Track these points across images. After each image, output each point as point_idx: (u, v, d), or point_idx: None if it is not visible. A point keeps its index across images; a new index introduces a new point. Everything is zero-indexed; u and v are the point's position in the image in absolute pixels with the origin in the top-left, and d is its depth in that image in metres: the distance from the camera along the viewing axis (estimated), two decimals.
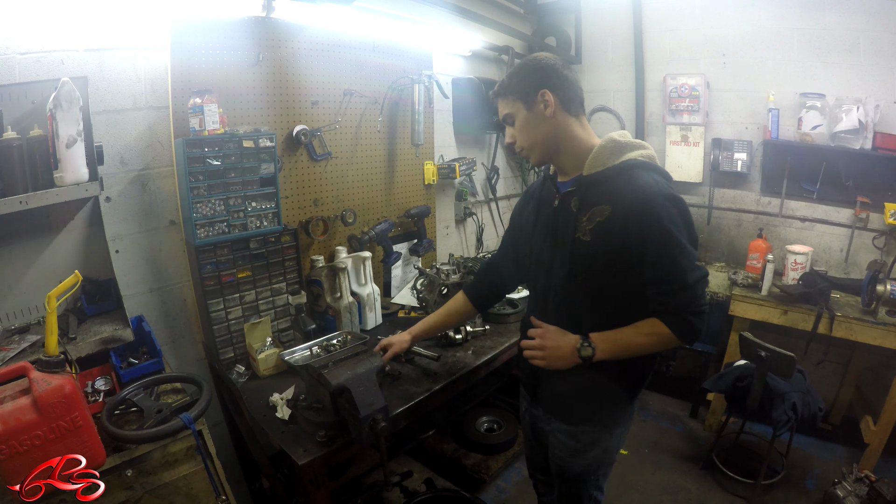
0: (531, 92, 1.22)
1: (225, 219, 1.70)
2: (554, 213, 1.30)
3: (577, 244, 1.21)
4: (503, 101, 1.29)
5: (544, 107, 1.21)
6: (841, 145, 2.65)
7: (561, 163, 1.30)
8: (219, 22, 1.79)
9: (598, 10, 3.41)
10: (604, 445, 1.39)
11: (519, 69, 1.26)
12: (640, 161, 1.19)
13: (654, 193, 1.12)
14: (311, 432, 1.40)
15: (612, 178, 1.18)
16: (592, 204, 1.19)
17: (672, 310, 1.17)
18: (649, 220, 1.11)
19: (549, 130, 1.24)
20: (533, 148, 1.27)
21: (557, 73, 1.22)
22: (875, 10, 2.56)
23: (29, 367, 1.10)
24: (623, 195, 1.14)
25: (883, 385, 2.57)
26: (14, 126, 1.35)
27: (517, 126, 1.27)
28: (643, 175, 1.16)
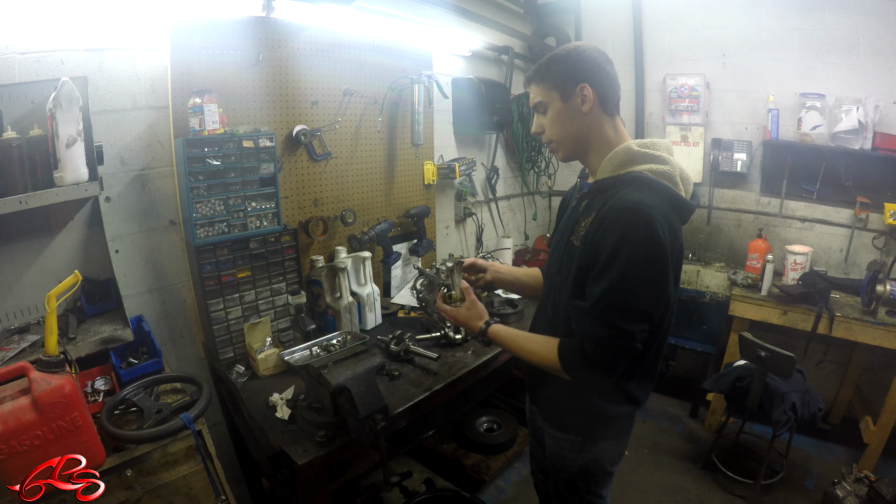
0: (570, 84, 1.14)
1: (225, 219, 1.70)
2: (572, 213, 1.28)
3: (569, 248, 1.19)
4: (538, 86, 1.20)
5: (581, 102, 1.14)
6: (841, 145, 2.65)
7: (589, 162, 1.24)
8: (219, 22, 1.79)
9: (598, 10, 3.42)
10: (589, 456, 1.34)
11: (561, 57, 1.16)
12: (644, 176, 1.09)
13: (633, 213, 1.02)
14: (310, 432, 1.40)
15: (613, 187, 1.12)
16: (591, 210, 1.16)
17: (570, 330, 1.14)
18: (612, 235, 1.03)
19: (582, 128, 1.18)
20: (562, 143, 1.21)
21: (600, 69, 1.15)
22: (875, 10, 2.56)
23: (29, 367, 1.10)
24: (608, 206, 1.08)
25: (883, 385, 2.57)
26: (14, 126, 1.35)
27: (549, 117, 1.19)
28: (638, 193, 1.06)
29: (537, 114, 1.24)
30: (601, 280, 1.05)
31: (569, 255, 1.18)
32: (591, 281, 1.09)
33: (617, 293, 1.04)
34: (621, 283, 1.03)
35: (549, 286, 1.34)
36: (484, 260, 1.57)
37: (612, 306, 1.05)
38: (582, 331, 1.10)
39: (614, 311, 1.05)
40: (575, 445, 1.34)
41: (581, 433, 1.33)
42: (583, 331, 1.10)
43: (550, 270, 1.33)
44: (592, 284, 1.08)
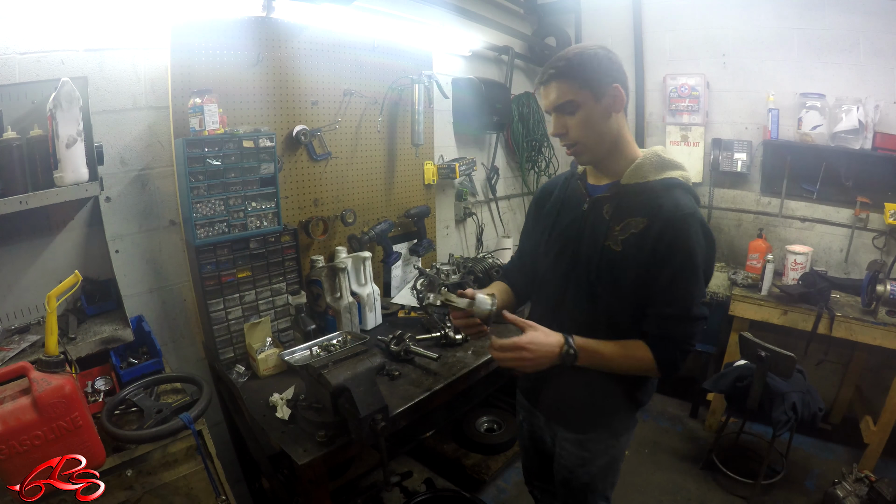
0: (604, 84, 1.11)
1: (225, 219, 1.70)
2: (582, 216, 1.23)
3: (607, 252, 1.16)
4: (564, 84, 1.12)
5: (613, 102, 1.13)
6: (841, 145, 2.65)
7: (605, 166, 1.21)
8: (219, 22, 1.79)
9: (598, 10, 3.42)
10: (612, 453, 1.35)
11: (592, 55, 1.12)
12: (681, 182, 1.16)
13: (691, 217, 1.10)
14: (311, 432, 1.40)
15: (652, 192, 1.14)
16: (627, 214, 1.14)
17: (664, 337, 1.14)
18: (680, 240, 1.09)
19: (612, 130, 1.16)
20: (590, 145, 1.16)
21: (623, 72, 1.15)
22: (875, 10, 2.56)
23: (29, 367, 1.10)
24: (663, 211, 1.10)
25: (883, 385, 2.57)
26: (14, 126, 1.35)
27: (578, 118, 1.13)
28: (684, 196, 1.13)
29: (560, 114, 1.16)
30: (679, 282, 1.11)
31: (608, 259, 1.16)
32: (667, 286, 1.11)
33: (694, 290, 1.12)
34: (695, 280, 1.12)
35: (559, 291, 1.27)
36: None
37: (692, 302, 1.12)
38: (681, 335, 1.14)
39: (696, 305, 1.13)
40: (600, 444, 1.33)
41: (607, 429, 1.33)
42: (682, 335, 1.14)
43: (555, 275, 1.28)
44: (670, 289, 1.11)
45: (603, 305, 1.19)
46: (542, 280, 1.34)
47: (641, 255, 1.11)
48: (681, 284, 1.11)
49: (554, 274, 1.28)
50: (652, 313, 1.15)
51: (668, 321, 1.14)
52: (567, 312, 1.25)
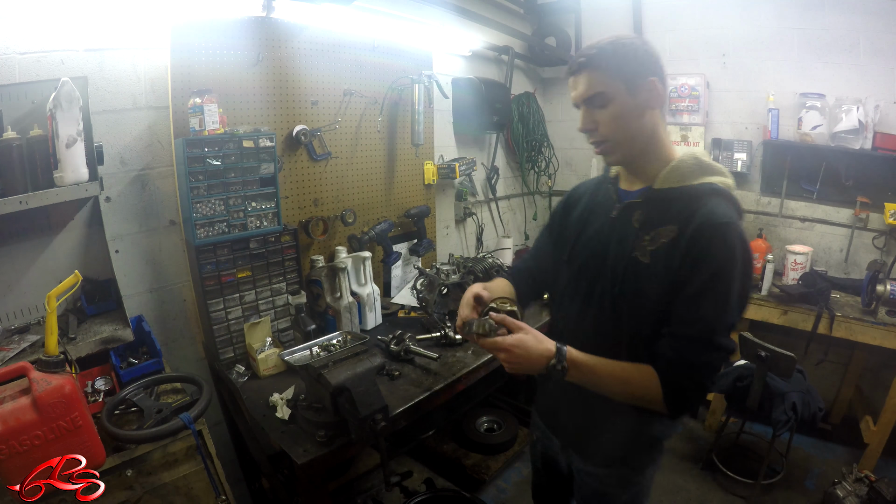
0: (640, 76, 1.00)
1: (225, 219, 1.70)
2: (610, 224, 1.12)
3: (634, 265, 1.04)
4: (596, 74, 1.01)
5: (649, 97, 1.01)
6: (841, 145, 2.65)
7: (637, 168, 1.10)
8: (219, 22, 1.79)
9: (598, 10, 3.41)
10: (634, 490, 1.22)
11: (626, 46, 1.01)
12: (721, 189, 1.02)
13: (730, 229, 0.96)
14: (310, 432, 1.40)
15: (687, 198, 1.02)
16: (658, 223, 1.02)
17: (677, 362, 0.99)
18: (713, 252, 0.95)
19: (647, 127, 1.04)
20: (621, 144, 1.05)
21: (661, 66, 1.03)
22: (875, 10, 2.56)
23: (29, 367, 1.10)
24: (696, 218, 0.97)
25: (883, 385, 2.57)
26: (14, 126, 1.35)
27: (610, 112, 1.02)
28: (724, 205, 1.00)
29: (589, 108, 1.04)
30: (704, 301, 0.96)
31: (635, 272, 1.04)
32: (689, 302, 0.97)
33: (721, 313, 0.97)
34: (725, 302, 0.96)
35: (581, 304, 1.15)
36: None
37: (718, 327, 0.97)
38: (697, 363, 0.98)
39: (719, 331, 0.97)
40: (622, 480, 1.21)
41: (629, 464, 1.19)
42: (699, 363, 0.98)
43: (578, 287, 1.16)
44: (692, 307, 0.97)
45: (627, 324, 1.06)
46: (564, 291, 1.22)
47: (670, 269, 0.99)
48: (706, 303, 0.96)
49: (577, 286, 1.17)
50: (668, 333, 1.00)
51: (684, 344, 0.98)
52: (589, 329, 1.13)
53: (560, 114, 3.76)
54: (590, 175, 3.69)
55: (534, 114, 3.49)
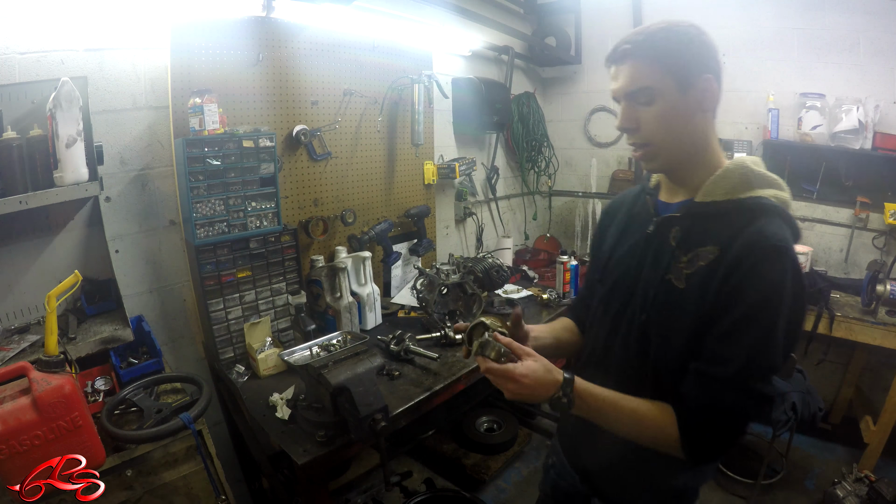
0: (693, 72, 0.86)
1: (225, 219, 1.70)
2: (646, 240, 0.99)
3: (666, 289, 0.91)
4: (642, 65, 0.87)
5: (702, 97, 0.88)
6: (841, 145, 2.65)
7: (680, 177, 0.96)
8: (219, 22, 1.79)
9: (598, 10, 3.41)
10: None
11: (680, 35, 0.88)
12: (774, 205, 0.87)
13: (781, 253, 0.81)
14: (310, 432, 1.40)
15: (732, 214, 0.87)
16: (698, 242, 0.89)
17: (703, 407, 0.84)
18: (758, 280, 0.80)
19: (697, 131, 0.90)
20: (665, 148, 0.91)
21: (719, 62, 0.90)
22: (875, 9, 2.56)
23: (29, 367, 1.10)
24: (741, 239, 0.83)
25: (883, 385, 2.57)
26: (14, 126, 1.35)
27: (656, 111, 0.88)
28: (776, 225, 0.84)
29: (631, 104, 0.90)
30: (742, 337, 0.81)
31: (667, 298, 0.91)
32: (724, 337, 0.83)
33: (762, 353, 0.82)
34: (768, 340, 0.81)
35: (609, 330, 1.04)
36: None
37: (757, 370, 0.82)
38: (722, 405, 0.83)
39: (758, 375, 0.83)
40: None
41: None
42: (724, 405, 0.83)
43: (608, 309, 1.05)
44: (727, 342, 0.82)
45: (654, 357, 0.93)
46: (594, 315, 1.11)
47: (705, 297, 0.85)
48: (744, 340, 0.81)
49: (607, 309, 1.05)
50: (695, 370, 0.86)
51: (713, 385, 0.83)
52: (614, 360, 1.02)
53: (560, 114, 3.76)
54: (589, 175, 3.69)
55: (534, 114, 3.49)
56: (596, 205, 3.68)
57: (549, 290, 2.58)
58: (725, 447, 0.88)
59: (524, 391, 0.89)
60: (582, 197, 3.79)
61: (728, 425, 0.85)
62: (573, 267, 2.60)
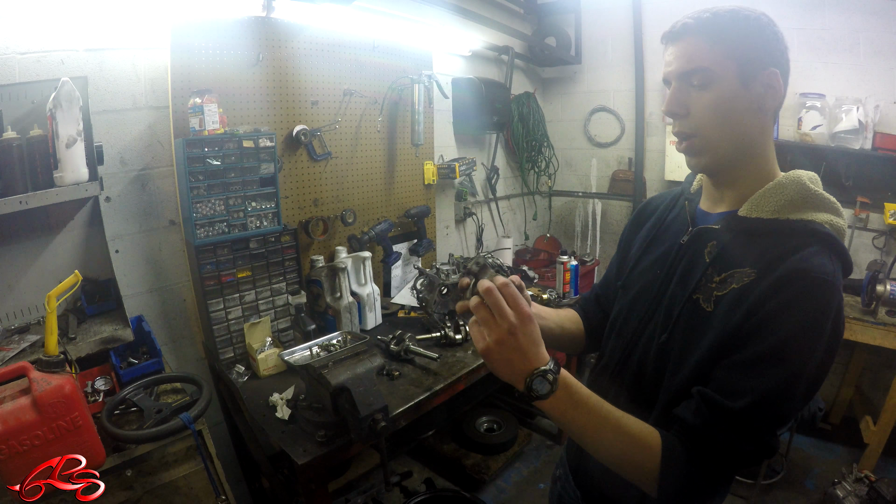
0: (758, 63, 0.77)
1: (225, 219, 1.70)
2: (678, 251, 0.89)
3: (692, 310, 0.81)
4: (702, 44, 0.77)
5: (765, 93, 0.78)
6: (841, 145, 2.65)
7: (726, 181, 0.85)
8: (219, 22, 1.79)
9: (598, 10, 3.42)
10: None
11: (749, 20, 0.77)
12: (827, 232, 0.76)
13: (826, 290, 0.70)
14: (310, 432, 1.40)
15: (779, 236, 0.77)
16: (735, 262, 0.78)
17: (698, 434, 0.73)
18: (795, 314, 0.70)
19: (752, 132, 0.80)
20: (715, 143, 0.80)
21: (787, 56, 0.80)
22: (875, 10, 2.56)
23: (29, 366, 1.10)
24: (784, 266, 0.72)
25: (883, 385, 2.57)
26: (14, 126, 1.35)
27: (711, 98, 0.77)
28: (825, 256, 0.73)
29: (684, 85, 0.80)
30: (764, 372, 0.70)
31: (692, 319, 0.81)
32: (742, 368, 0.72)
33: (778, 399, 0.71)
34: (789, 386, 0.70)
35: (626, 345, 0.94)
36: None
37: (771, 415, 0.72)
38: (721, 438, 0.72)
39: (771, 420, 0.72)
40: None
41: None
42: (723, 439, 0.72)
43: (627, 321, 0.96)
44: (744, 375, 0.72)
45: (670, 381, 0.82)
46: (612, 324, 1.02)
47: (728, 321, 0.74)
48: (763, 376, 0.70)
49: (627, 320, 0.96)
50: (697, 393, 0.75)
51: (714, 413, 0.72)
52: (629, 377, 0.92)
53: (560, 114, 3.76)
54: (590, 175, 3.70)
55: (534, 114, 3.49)
56: (596, 205, 3.69)
57: (550, 290, 2.58)
58: (702, 489, 0.76)
59: (504, 349, 0.73)
60: (582, 197, 3.79)
61: (716, 463, 0.74)
62: (573, 267, 2.60)
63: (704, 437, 0.73)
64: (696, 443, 0.73)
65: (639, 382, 0.89)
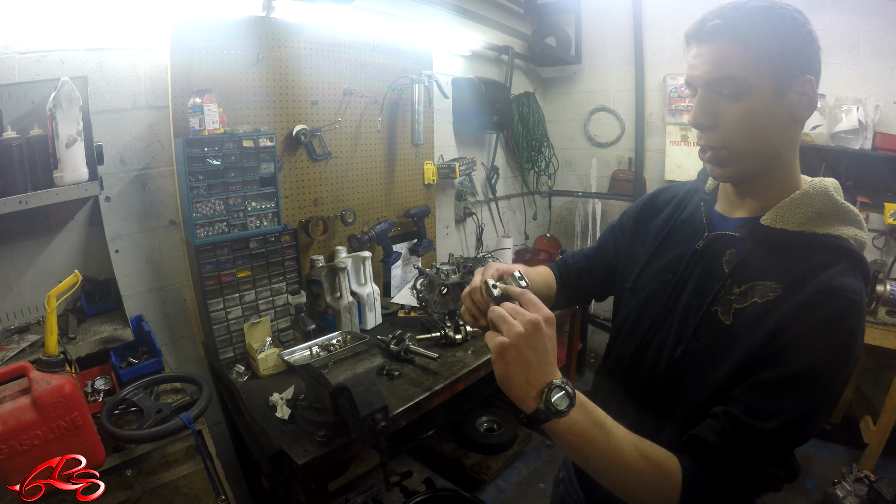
0: (794, 70, 0.70)
1: (225, 218, 1.70)
2: (692, 256, 0.85)
3: (710, 323, 0.78)
4: (734, 49, 0.70)
5: (798, 103, 0.72)
6: (841, 145, 2.65)
7: (748, 190, 0.81)
8: (219, 22, 1.79)
9: (598, 10, 3.42)
10: None
11: (785, 22, 0.70)
12: (853, 249, 0.73)
13: (857, 309, 0.68)
14: (310, 432, 1.40)
15: (806, 250, 0.74)
16: (757, 274, 0.75)
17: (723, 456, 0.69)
18: (832, 336, 0.67)
19: (784, 142, 0.75)
20: (744, 156, 0.75)
21: (820, 60, 0.73)
22: (875, 10, 2.56)
23: (29, 366, 1.10)
24: (814, 283, 0.69)
25: (883, 385, 2.57)
26: (14, 126, 1.35)
27: (742, 109, 0.71)
28: (850, 274, 0.71)
29: (712, 94, 0.73)
30: (793, 395, 0.67)
31: (710, 333, 0.77)
32: (770, 389, 0.69)
33: (807, 420, 0.68)
34: (813, 408, 0.68)
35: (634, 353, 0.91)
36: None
37: (795, 437, 0.70)
38: (745, 461, 0.69)
39: (794, 443, 0.70)
40: None
41: None
42: (747, 462, 0.69)
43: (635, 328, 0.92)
44: (773, 396, 0.68)
45: (689, 397, 0.79)
46: (620, 327, 0.97)
47: (752, 338, 0.71)
48: (793, 397, 0.67)
49: (637, 326, 0.91)
50: (724, 414, 0.70)
51: (742, 437, 0.68)
52: (638, 384, 0.89)
53: (560, 114, 3.76)
54: (590, 175, 3.70)
55: (534, 114, 3.49)
56: (596, 205, 3.68)
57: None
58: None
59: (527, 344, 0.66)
60: (582, 197, 3.79)
61: (740, 487, 0.70)
62: None
63: (729, 461, 0.69)
64: (720, 466, 0.69)
65: (648, 390, 0.86)
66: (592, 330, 3.77)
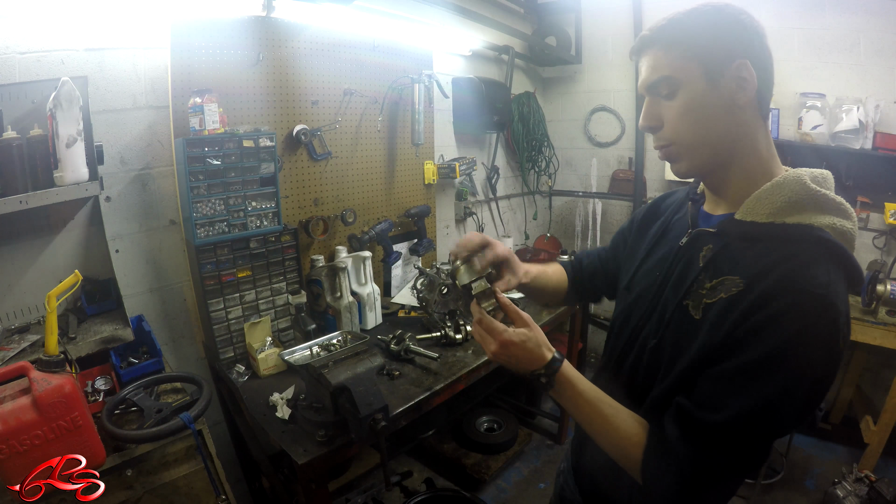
0: (723, 58, 0.73)
1: (225, 218, 1.70)
2: (676, 254, 0.87)
3: (681, 316, 0.80)
4: (663, 53, 0.76)
5: (736, 88, 0.73)
6: (841, 145, 2.65)
7: (717, 185, 0.83)
8: (219, 21, 1.79)
9: (598, 10, 3.41)
10: None
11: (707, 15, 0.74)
12: (827, 239, 0.71)
13: (821, 304, 0.66)
14: (311, 432, 1.40)
15: (773, 242, 0.73)
16: (726, 269, 0.76)
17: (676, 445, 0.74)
18: (786, 329, 0.66)
19: (731, 129, 0.76)
20: (692, 148, 0.78)
21: (762, 44, 0.75)
22: (875, 9, 2.56)
23: (29, 366, 1.10)
24: (774, 275, 0.69)
25: (883, 385, 2.57)
26: (14, 126, 1.35)
27: (679, 105, 0.76)
28: (824, 266, 0.69)
29: (654, 97, 0.79)
30: (746, 391, 0.68)
31: (680, 326, 0.80)
32: (724, 380, 0.70)
33: (767, 415, 0.68)
34: (777, 402, 0.68)
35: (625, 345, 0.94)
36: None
37: (754, 432, 0.70)
38: (696, 451, 0.72)
39: (753, 437, 0.71)
40: None
41: None
42: (697, 451, 0.72)
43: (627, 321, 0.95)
44: (729, 390, 0.70)
45: (658, 388, 0.82)
46: (613, 324, 1.02)
47: (714, 334, 0.72)
48: (746, 393, 0.68)
49: (626, 322, 0.95)
50: (677, 406, 0.76)
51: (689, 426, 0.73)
52: (624, 378, 0.92)
53: (560, 113, 3.76)
54: (590, 175, 3.70)
55: (534, 113, 3.49)
56: (596, 204, 3.68)
57: None
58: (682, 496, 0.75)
59: (509, 358, 0.85)
60: (582, 197, 3.79)
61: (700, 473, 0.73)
62: None
63: (679, 447, 0.73)
64: (676, 453, 0.74)
65: (631, 384, 0.89)
66: (592, 330, 3.77)
